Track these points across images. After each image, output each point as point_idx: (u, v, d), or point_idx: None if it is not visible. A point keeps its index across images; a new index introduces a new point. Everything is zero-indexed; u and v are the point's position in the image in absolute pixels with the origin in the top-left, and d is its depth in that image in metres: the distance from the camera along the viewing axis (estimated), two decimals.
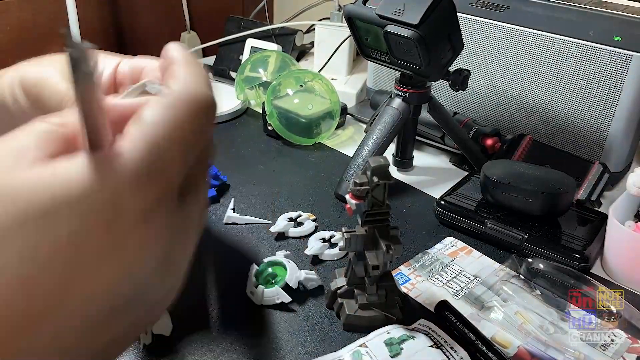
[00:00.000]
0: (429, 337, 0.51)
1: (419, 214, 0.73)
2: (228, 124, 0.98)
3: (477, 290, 0.59)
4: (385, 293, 0.54)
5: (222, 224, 0.69)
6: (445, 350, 0.50)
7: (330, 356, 0.50)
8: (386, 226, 0.51)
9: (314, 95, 0.91)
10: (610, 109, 0.75)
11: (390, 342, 0.50)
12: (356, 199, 0.50)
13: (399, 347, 0.49)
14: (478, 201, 0.71)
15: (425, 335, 0.51)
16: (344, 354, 0.50)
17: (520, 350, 0.51)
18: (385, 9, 0.67)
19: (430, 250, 0.65)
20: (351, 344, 0.51)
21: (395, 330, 0.52)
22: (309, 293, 0.58)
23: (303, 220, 0.69)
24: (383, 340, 0.50)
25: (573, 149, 0.80)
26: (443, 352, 0.49)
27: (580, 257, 0.61)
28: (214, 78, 1.15)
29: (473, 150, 0.81)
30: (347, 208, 0.51)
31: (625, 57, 0.71)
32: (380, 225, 0.51)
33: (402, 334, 0.51)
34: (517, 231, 0.65)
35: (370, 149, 0.75)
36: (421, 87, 0.75)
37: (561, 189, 0.65)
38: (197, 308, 0.56)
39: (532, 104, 0.82)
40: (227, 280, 0.60)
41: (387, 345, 0.50)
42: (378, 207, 0.50)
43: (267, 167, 0.84)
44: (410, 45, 0.66)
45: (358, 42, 0.75)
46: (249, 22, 1.18)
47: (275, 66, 1.01)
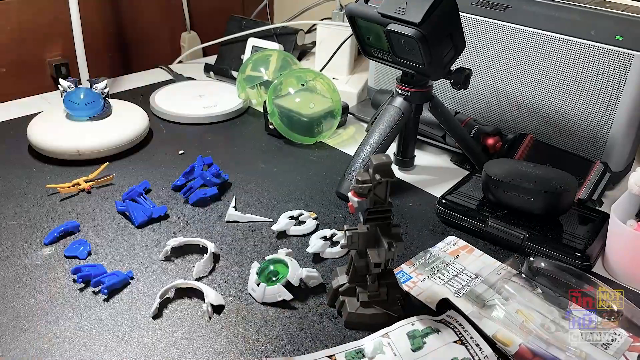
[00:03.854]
0: (455, 331, 0.50)
1: (421, 213, 0.73)
2: (229, 122, 0.98)
3: (478, 288, 0.59)
4: (386, 290, 0.54)
5: (223, 222, 0.70)
6: (469, 347, 0.49)
7: (352, 344, 0.50)
8: (388, 224, 0.51)
9: (315, 95, 0.91)
10: (612, 108, 0.75)
11: (414, 334, 0.49)
12: (358, 196, 0.50)
13: (422, 340, 0.49)
14: (479, 200, 0.71)
15: (452, 329, 0.50)
16: (366, 343, 0.50)
17: (522, 349, 0.51)
18: (387, 7, 0.67)
19: (432, 249, 0.65)
20: (374, 334, 0.51)
21: (420, 322, 0.51)
22: (310, 291, 0.58)
23: (304, 219, 0.69)
24: (406, 332, 0.50)
25: (574, 148, 0.80)
26: (467, 349, 0.49)
27: (582, 256, 0.61)
28: (215, 77, 1.15)
29: (474, 149, 0.81)
30: (350, 206, 0.51)
31: (626, 56, 0.71)
32: (382, 223, 0.51)
33: (426, 326, 0.50)
34: (518, 230, 0.65)
35: (371, 147, 0.75)
36: (423, 86, 0.75)
37: (562, 188, 0.65)
38: (198, 306, 0.56)
39: (534, 103, 0.82)
40: (229, 278, 0.60)
41: (409, 338, 0.49)
42: (380, 205, 0.50)
43: (268, 166, 0.84)
44: (412, 44, 0.66)
45: (360, 41, 0.75)
46: (251, 21, 1.19)
47: (277, 65, 1.01)
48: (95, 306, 0.55)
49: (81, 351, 0.50)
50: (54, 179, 0.77)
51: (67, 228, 0.66)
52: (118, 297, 0.57)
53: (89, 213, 0.70)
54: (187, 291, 0.58)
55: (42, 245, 0.64)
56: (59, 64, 1.19)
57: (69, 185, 0.74)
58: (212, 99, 1.02)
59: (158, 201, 0.73)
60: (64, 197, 0.73)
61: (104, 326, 0.53)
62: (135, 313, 0.55)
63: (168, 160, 0.84)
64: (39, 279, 0.59)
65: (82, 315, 0.54)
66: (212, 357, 0.50)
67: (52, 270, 0.60)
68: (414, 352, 0.48)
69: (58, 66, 1.19)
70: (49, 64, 1.19)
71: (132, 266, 0.61)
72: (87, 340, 0.51)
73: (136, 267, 0.61)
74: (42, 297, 0.56)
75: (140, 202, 0.71)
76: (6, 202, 0.72)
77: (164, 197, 0.74)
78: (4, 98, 1.03)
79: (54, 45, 1.17)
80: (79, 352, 0.50)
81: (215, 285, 0.59)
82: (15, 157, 0.83)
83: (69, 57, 1.18)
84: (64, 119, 0.87)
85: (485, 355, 0.48)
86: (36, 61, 1.18)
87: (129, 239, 0.66)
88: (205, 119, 0.96)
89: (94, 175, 0.76)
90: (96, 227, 0.68)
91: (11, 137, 0.89)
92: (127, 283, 0.58)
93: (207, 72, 1.17)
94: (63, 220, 0.67)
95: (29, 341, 0.51)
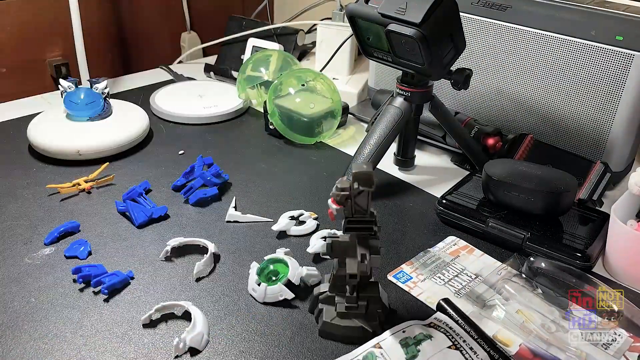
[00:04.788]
0: (447, 336, 0.50)
1: (421, 213, 0.73)
2: (230, 123, 0.98)
3: (478, 288, 0.59)
4: (366, 304, 0.52)
5: (223, 222, 0.70)
6: (464, 352, 0.48)
7: (342, 358, 0.49)
8: (368, 235, 0.49)
9: (315, 95, 0.91)
10: (612, 108, 0.75)
11: (406, 342, 0.48)
12: (337, 204, 0.47)
13: (416, 348, 0.48)
14: (479, 200, 0.71)
15: (444, 334, 0.50)
16: (357, 355, 0.49)
17: (522, 349, 0.51)
18: (387, 7, 0.67)
19: (432, 249, 0.65)
20: (364, 344, 0.50)
21: (410, 329, 0.50)
22: (310, 289, 0.58)
23: (305, 219, 0.69)
24: (398, 340, 0.49)
25: (574, 149, 0.80)
26: (462, 354, 0.48)
27: (582, 256, 0.61)
28: (215, 77, 1.15)
29: (474, 149, 0.81)
30: (329, 212, 0.49)
31: (626, 56, 0.71)
32: (362, 234, 0.49)
33: (418, 332, 0.49)
34: (518, 230, 0.65)
35: (371, 147, 0.75)
36: (423, 86, 0.75)
37: (563, 188, 0.65)
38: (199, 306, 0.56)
39: (534, 103, 0.82)
40: (229, 278, 0.60)
41: (402, 347, 0.48)
42: (361, 215, 0.48)
43: (268, 166, 0.84)
44: (413, 44, 0.66)
45: (360, 41, 0.75)
46: (251, 21, 1.19)
47: (277, 65, 1.01)
48: (95, 306, 0.55)
49: (81, 351, 0.50)
50: (54, 179, 0.77)
51: (68, 228, 0.66)
52: (118, 297, 0.57)
53: (89, 213, 0.70)
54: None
55: (42, 245, 0.64)
56: (59, 64, 1.19)
57: (69, 185, 0.74)
58: (212, 99, 1.02)
59: (158, 201, 0.73)
60: (64, 197, 0.73)
61: (104, 326, 0.53)
62: (136, 313, 0.55)
63: (168, 160, 0.84)
64: (39, 279, 0.59)
65: (82, 315, 0.54)
66: (213, 357, 0.50)
67: (52, 270, 0.60)
68: None
69: (58, 66, 1.19)
70: (49, 64, 1.19)
71: (133, 266, 0.61)
72: (87, 340, 0.51)
73: (136, 267, 0.61)
74: (42, 297, 0.56)
75: (140, 202, 0.71)
76: (6, 202, 0.72)
77: (164, 197, 0.74)
78: (4, 98, 1.03)
79: (54, 45, 1.18)
80: (79, 352, 0.50)
81: (215, 285, 0.59)
82: (15, 157, 0.83)
83: (69, 57, 1.18)
84: (64, 119, 0.87)
85: (481, 359, 0.48)
86: (36, 61, 1.18)
87: (129, 239, 0.66)
88: (205, 119, 0.96)
89: (94, 176, 0.76)
90: (96, 227, 0.68)
91: (11, 137, 0.89)
92: (127, 283, 0.58)
93: (207, 72, 1.17)
94: (63, 220, 0.68)
95: (29, 341, 0.51)
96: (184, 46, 1.35)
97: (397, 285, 0.60)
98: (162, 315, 0.54)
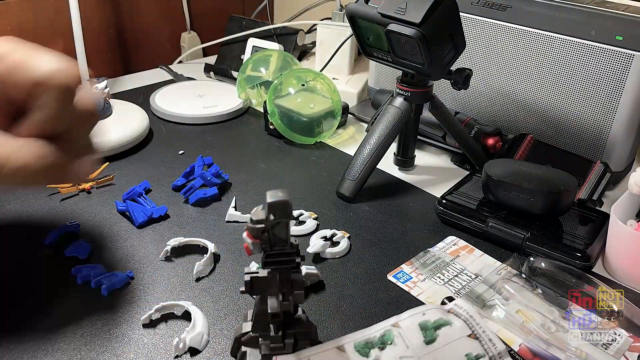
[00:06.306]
0: (468, 324, 0.48)
1: (421, 213, 0.73)
2: (229, 123, 0.98)
3: (478, 288, 0.59)
4: (294, 341, 0.47)
5: (223, 222, 0.70)
6: (483, 342, 0.47)
7: (361, 332, 0.48)
8: (289, 268, 0.44)
9: (315, 95, 0.91)
10: (612, 108, 0.75)
11: (426, 326, 0.47)
12: (253, 237, 0.42)
13: (434, 332, 0.46)
14: (479, 200, 0.71)
15: (464, 321, 0.48)
16: (376, 332, 0.47)
17: (522, 349, 0.51)
18: (387, 7, 0.67)
19: (432, 249, 0.65)
20: (383, 322, 0.48)
21: (430, 312, 0.49)
22: (309, 289, 0.58)
23: (304, 219, 0.69)
24: (418, 322, 0.47)
25: (574, 148, 0.80)
26: (481, 344, 0.47)
27: (582, 256, 0.61)
28: (215, 77, 1.15)
29: (474, 149, 0.81)
30: (245, 247, 0.43)
31: (627, 56, 0.71)
32: (283, 267, 0.44)
33: (438, 317, 0.48)
34: (518, 230, 0.65)
35: (371, 147, 0.75)
36: (423, 86, 0.75)
37: (563, 188, 0.65)
38: (199, 306, 0.56)
39: (534, 103, 0.82)
40: (229, 278, 0.60)
41: (421, 330, 0.46)
42: (280, 247, 0.43)
43: (268, 166, 0.84)
44: (413, 44, 0.66)
45: (360, 41, 0.75)
46: (251, 21, 1.19)
47: (277, 65, 1.01)
48: (95, 306, 0.55)
49: (81, 351, 0.50)
50: None
51: (67, 228, 0.66)
52: (118, 297, 0.57)
53: (89, 213, 0.70)
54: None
55: (42, 245, 0.64)
56: None
57: (69, 185, 0.74)
58: (212, 99, 1.02)
59: (158, 201, 0.73)
60: (64, 197, 0.73)
61: (103, 326, 0.53)
62: (135, 313, 0.55)
63: (168, 160, 0.84)
64: (39, 279, 0.59)
65: (82, 315, 0.54)
66: (213, 357, 0.50)
67: (52, 270, 0.60)
68: (427, 345, 0.45)
69: None
70: None
71: (132, 266, 0.61)
72: (87, 340, 0.51)
73: (136, 267, 0.61)
74: (42, 297, 0.56)
75: (140, 202, 0.71)
76: (6, 202, 0.72)
77: (164, 197, 0.74)
78: None
79: (54, 45, 1.17)
80: (79, 352, 0.50)
81: (215, 285, 0.59)
82: None
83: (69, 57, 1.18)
84: None
85: (499, 352, 0.47)
86: None
87: (129, 239, 0.66)
88: (205, 119, 0.96)
89: (94, 175, 0.76)
90: (96, 227, 0.68)
91: None
92: (127, 283, 0.58)
93: (207, 72, 1.17)
94: (63, 220, 0.68)
95: (29, 341, 0.51)
96: (184, 46, 1.35)
97: (397, 285, 0.60)
98: (162, 315, 0.54)
